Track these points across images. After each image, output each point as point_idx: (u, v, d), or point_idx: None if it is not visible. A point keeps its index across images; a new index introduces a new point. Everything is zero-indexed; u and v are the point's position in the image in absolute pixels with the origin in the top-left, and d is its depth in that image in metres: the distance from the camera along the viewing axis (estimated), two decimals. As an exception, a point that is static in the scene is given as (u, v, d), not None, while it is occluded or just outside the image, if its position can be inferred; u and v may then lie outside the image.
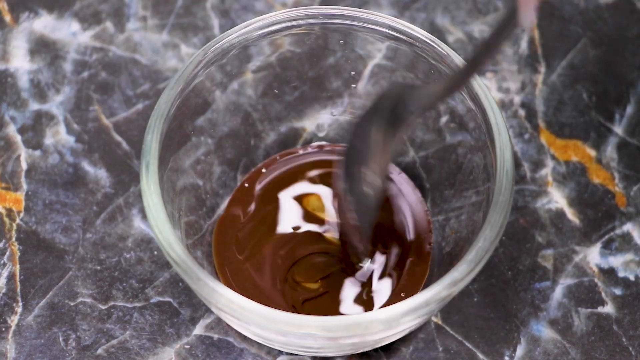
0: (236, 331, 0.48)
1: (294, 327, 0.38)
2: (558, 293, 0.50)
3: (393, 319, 0.39)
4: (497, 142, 0.42)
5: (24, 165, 0.53)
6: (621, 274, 0.50)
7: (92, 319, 0.48)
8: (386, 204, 0.49)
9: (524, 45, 0.57)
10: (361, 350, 0.46)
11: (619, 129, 0.54)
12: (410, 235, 0.49)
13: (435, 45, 0.45)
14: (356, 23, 0.47)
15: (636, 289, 0.50)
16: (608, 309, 0.49)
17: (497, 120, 0.43)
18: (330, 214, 0.49)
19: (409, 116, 0.41)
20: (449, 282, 0.39)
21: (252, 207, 0.49)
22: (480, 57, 0.38)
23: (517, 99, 0.55)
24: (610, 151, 0.54)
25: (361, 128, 0.42)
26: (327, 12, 0.47)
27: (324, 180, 0.50)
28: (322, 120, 0.52)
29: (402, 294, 0.47)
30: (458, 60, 0.45)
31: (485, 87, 0.44)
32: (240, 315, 0.39)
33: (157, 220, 0.41)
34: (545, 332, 0.48)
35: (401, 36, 0.46)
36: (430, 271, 0.48)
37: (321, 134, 0.52)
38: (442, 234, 0.48)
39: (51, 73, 0.56)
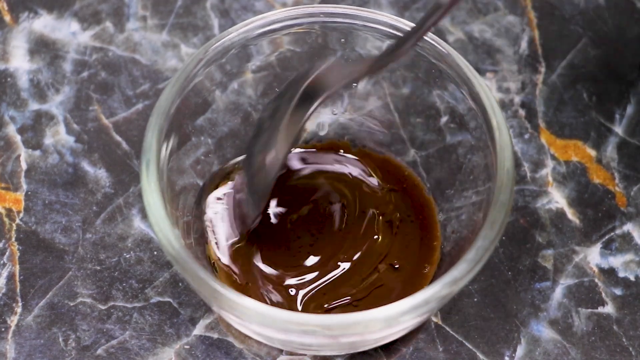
0: (236, 331, 0.48)
1: (294, 325, 0.38)
2: (558, 293, 0.49)
3: (393, 317, 0.39)
4: (498, 141, 0.42)
5: (23, 165, 0.53)
6: (621, 274, 0.50)
7: (92, 319, 0.48)
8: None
9: (524, 45, 0.57)
10: (361, 349, 0.46)
11: (619, 129, 0.54)
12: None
13: (436, 44, 0.45)
14: (357, 22, 0.46)
15: (636, 289, 0.50)
16: (608, 309, 0.49)
17: (498, 120, 0.43)
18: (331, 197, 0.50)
19: (321, 94, 0.42)
20: (449, 281, 0.39)
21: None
22: (402, 42, 0.39)
23: (517, 99, 0.55)
24: (610, 151, 0.54)
25: (271, 107, 0.43)
26: (327, 11, 0.46)
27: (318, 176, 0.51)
28: (322, 119, 0.51)
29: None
30: (459, 59, 0.45)
31: (486, 86, 0.44)
32: (239, 314, 0.39)
33: (157, 218, 0.41)
34: (546, 332, 0.48)
35: (402, 35, 0.46)
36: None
37: (322, 133, 0.52)
38: (444, 234, 0.48)
39: (51, 73, 0.56)
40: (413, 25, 0.45)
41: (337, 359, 0.48)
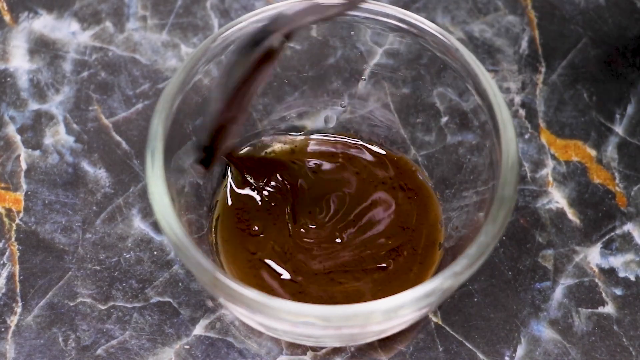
0: (236, 331, 0.48)
1: (294, 316, 0.38)
2: (558, 293, 0.49)
3: (392, 310, 0.39)
4: (503, 137, 0.42)
5: (23, 165, 0.53)
6: (622, 274, 0.50)
7: (92, 319, 0.48)
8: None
9: (524, 45, 0.57)
10: (362, 341, 0.46)
11: (619, 129, 0.54)
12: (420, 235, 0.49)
13: (443, 38, 0.45)
14: (360, 14, 0.46)
15: (637, 289, 0.50)
16: (608, 309, 0.49)
17: (504, 115, 0.43)
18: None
19: (272, 37, 0.41)
20: (449, 275, 0.39)
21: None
22: None
23: (518, 99, 0.55)
24: (610, 151, 0.54)
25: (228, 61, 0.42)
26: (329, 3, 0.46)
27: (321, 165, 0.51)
28: (330, 112, 0.51)
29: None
30: (466, 53, 0.44)
31: (494, 82, 0.44)
32: (240, 302, 0.39)
33: (161, 206, 0.41)
34: (546, 332, 0.48)
35: (408, 27, 0.46)
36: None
37: (330, 125, 0.52)
38: (445, 232, 0.48)
39: (51, 73, 0.56)
40: (418, 17, 0.45)
41: (338, 359, 0.48)
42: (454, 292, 0.48)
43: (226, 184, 0.50)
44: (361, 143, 0.51)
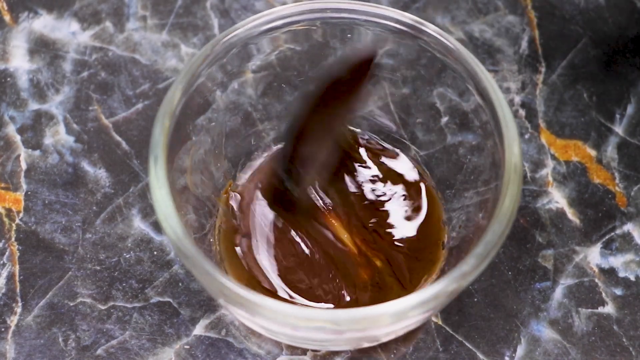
0: (236, 331, 0.48)
1: (301, 320, 0.38)
2: (558, 293, 0.49)
3: (402, 312, 0.39)
4: (505, 136, 0.42)
5: (23, 165, 0.53)
6: (622, 274, 0.50)
7: (92, 319, 0.48)
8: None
9: (524, 45, 0.57)
10: (367, 345, 0.46)
11: (619, 129, 0.54)
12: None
13: (442, 39, 0.45)
14: (359, 17, 0.46)
15: (637, 289, 0.50)
16: (608, 309, 0.49)
17: (506, 114, 0.43)
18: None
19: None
20: (457, 275, 0.39)
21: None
22: None
23: (518, 99, 0.55)
24: (610, 151, 0.54)
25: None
26: (329, 7, 0.46)
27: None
28: None
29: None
30: (466, 53, 0.44)
31: (494, 81, 0.44)
32: (247, 309, 0.39)
33: (166, 214, 0.41)
34: (546, 332, 0.48)
35: (407, 29, 0.46)
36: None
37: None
38: (448, 231, 0.48)
39: (51, 73, 0.56)
40: (417, 19, 0.45)
41: (338, 359, 0.48)
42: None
43: (228, 184, 0.50)
44: (362, 142, 0.51)
